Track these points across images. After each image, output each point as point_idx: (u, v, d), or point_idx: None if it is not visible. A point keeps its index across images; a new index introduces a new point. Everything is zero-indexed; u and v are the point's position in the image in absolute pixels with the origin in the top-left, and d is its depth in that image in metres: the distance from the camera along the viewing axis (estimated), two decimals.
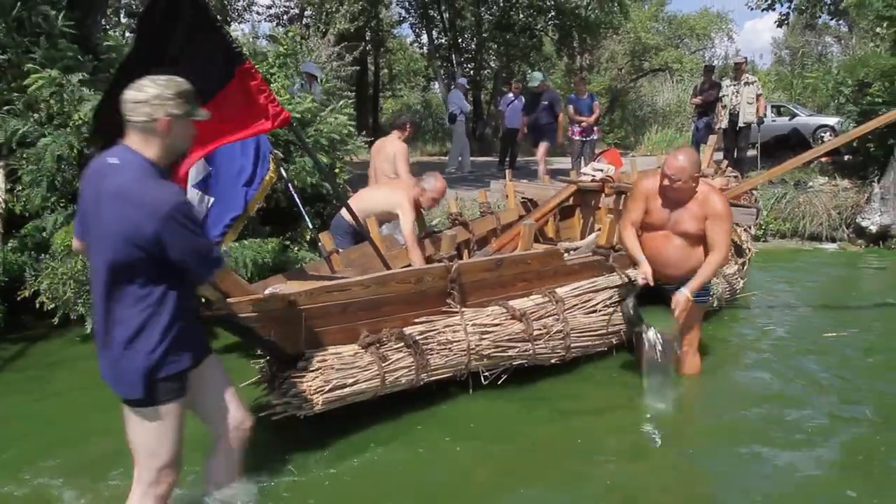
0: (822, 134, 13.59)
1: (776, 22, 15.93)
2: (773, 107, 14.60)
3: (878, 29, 10.06)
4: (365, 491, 2.90)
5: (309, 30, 14.21)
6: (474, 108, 17.52)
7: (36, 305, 4.69)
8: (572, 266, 4.21)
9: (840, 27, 22.10)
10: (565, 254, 4.41)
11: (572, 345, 3.97)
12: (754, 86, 9.48)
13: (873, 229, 8.18)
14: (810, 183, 9.10)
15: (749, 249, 5.65)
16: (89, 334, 4.63)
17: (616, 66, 23.29)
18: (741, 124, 9.45)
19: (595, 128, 10.14)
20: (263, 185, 3.50)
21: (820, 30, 24.23)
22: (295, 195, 3.94)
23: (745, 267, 5.51)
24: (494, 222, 5.49)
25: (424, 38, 20.29)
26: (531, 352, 3.79)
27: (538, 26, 19.19)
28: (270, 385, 3.21)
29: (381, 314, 3.39)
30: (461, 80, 13.29)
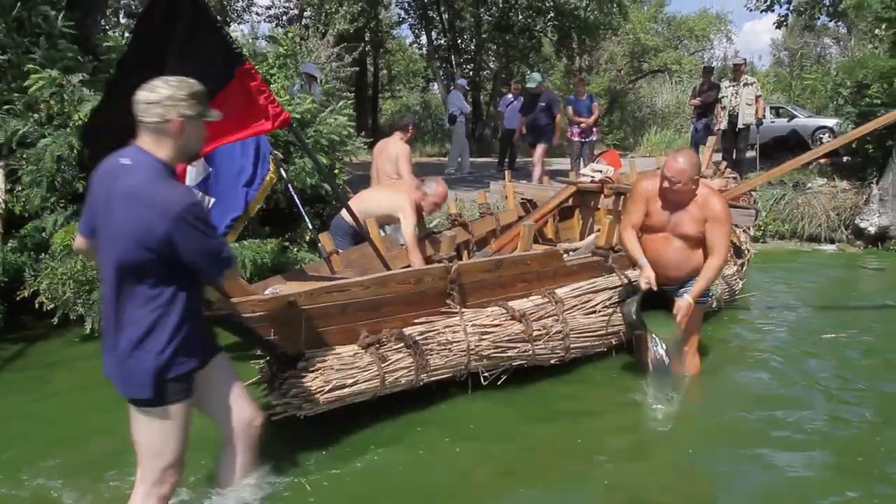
0: (821, 135, 13.60)
1: (775, 23, 15.92)
2: (772, 108, 14.61)
3: (877, 31, 10.08)
4: (365, 491, 2.91)
5: (308, 30, 14.22)
6: (473, 109, 17.53)
7: (35, 305, 4.70)
8: (572, 267, 4.22)
9: (839, 29, 22.14)
10: (565, 255, 4.42)
11: (572, 345, 3.97)
12: (753, 87, 9.49)
13: (872, 230, 8.19)
14: (809, 184, 9.11)
15: (748, 250, 5.66)
16: (89, 334, 4.63)
17: (615, 68, 23.33)
18: (740, 125, 9.45)
19: (594, 129, 10.15)
20: (264, 186, 3.50)
21: (819, 31, 24.27)
22: (295, 196, 3.94)
23: (745, 268, 5.52)
24: (494, 223, 5.49)
25: (424, 39, 20.33)
26: (531, 352, 3.80)
27: (537, 27, 19.21)
28: (270, 385, 3.21)
29: (381, 315, 3.39)
30: (461, 82, 13.29)
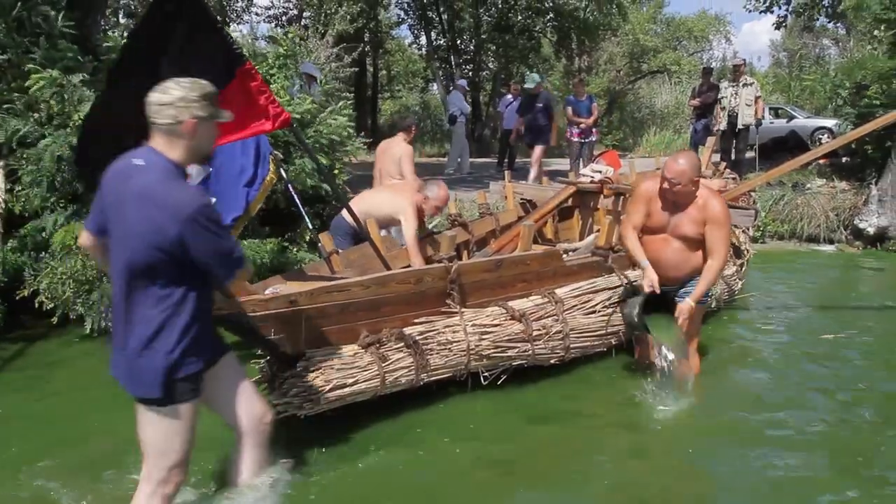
0: (820, 136, 13.60)
1: (774, 24, 15.94)
2: (771, 109, 14.60)
3: (876, 32, 10.08)
4: (365, 491, 2.91)
5: (308, 31, 14.20)
6: (473, 110, 17.52)
7: (35, 305, 4.70)
8: (571, 267, 4.22)
9: (838, 30, 22.14)
10: (564, 255, 4.42)
11: (571, 345, 3.97)
12: (753, 87, 9.49)
13: (871, 231, 8.21)
14: (808, 185, 9.13)
15: (747, 251, 5.66)
16: (88, 334, 4.63)
17: (614, 68, 23.33)
18: (740, 126, 9.44)
19: (593, 129, 10.15)
20: (264, 186, 3.50)
21: (818, 32, 24.27)
22: (295, 196, 3.94)
23: (744, 268, 5.53)
24: (493, 223, 5.49)
25: (423, 40, 20.31)
26: (530, 352, 3.80)
27: (537, 28, 19.21)
28: (271, 385, 3.22)
29: (381, 314, 3.39)
30: (461, 82, 13.28)
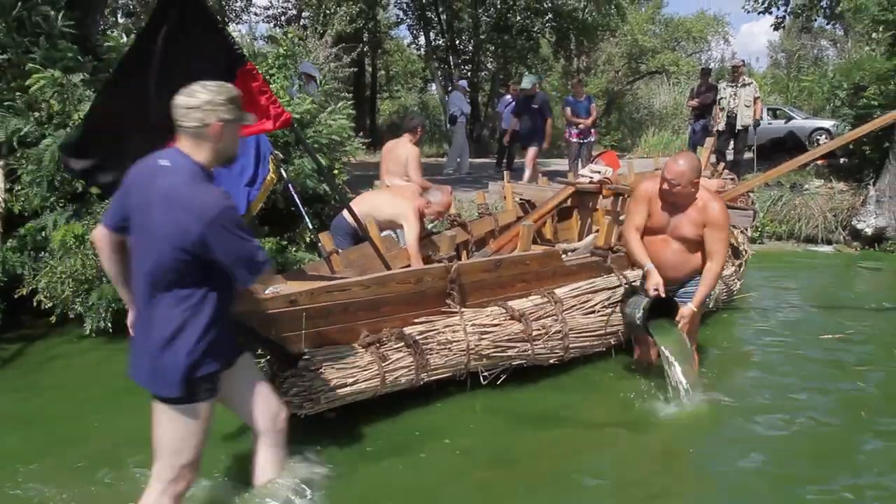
0: (818, 137, 13.64)
1: (772, 25, 15.94)
2: (770, 110, 14.63)
3: (874, 34, 10.10)
4: (364, 491, 2.92)
5: (307, 31, 14.21)
6: (472, 110, 17.52)
7: (34, 304, 4.70)
8: (571, 267, 4.23)
9: (836, 31, 22.20)
10: (564, 255, 4.43)
11: (571, 345, 3.98)
12: (751, 88, 9.51)
13: (868, 231, 8.22)
14: (806, 185, 9.14)
15: (746, 251, 5.67)
16: (88, 335, 4.63)
17: (613, 69, 23.34)
18: (739, 127, 9.46)
19: (592, 130, 10.16)
20: (265, 186, 3.51)
21: (816, 33, 24.35)
22: (295, 195, 3.94)
23: (742, 269, 5.54)
24: (493, 223, 5.49)
25: (422, 40, 20.31)
26: (530, 352, 3.81)
27: (535, 28, 19.21)
28: (271, 384, 3.21)
29: (381, 314, 3.40)
30: (462, 83, 13.29)
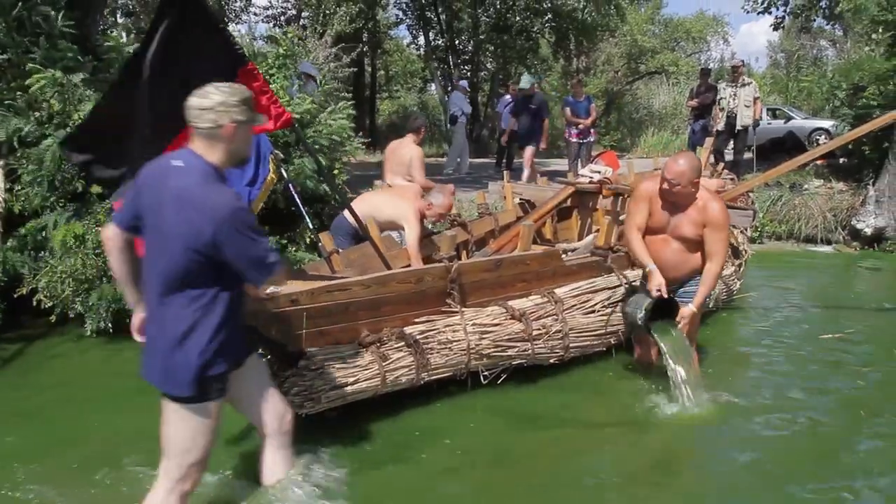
0: (818, 137, 13.65)
1: (772, 25, 15.95)
2: (769, 110, 14.64)
3: (874, 34, 10.10)
4: (364, 490, 2.91)
5: (306, 31, 14.22)
6: (472, 110, 17.53)
7: (34, 303, 4.70)
8: (571, 267, 4.24)
9: (835, 31, 22.22)
10: (564, 255, 4.44)
11: (571, 345, 3.99)
12: (751, 88, 9.51)
13: (868, 231, 8.23)
14: (806, 185, 9.15)
15: (745, 251, 5.68)
16: (88, 335, 4.63)
17: (612, 69, 23.35)
18: (739, 127, 9.46)
19: (592, 130, 10.18)
20: (266, 186, 3.51)
21: (815, 33, 24.35)
22: (296, 195, 3.95)
23: (742, 269, 5.54)
24: (493, 223, 5.49)
25: (421, 40, 20.32)
26: (530, 351, 3.82)
27: (535, 28, 19.20)
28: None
29: (382, 314, 3.41)
30: (462, 83, 13.30)
